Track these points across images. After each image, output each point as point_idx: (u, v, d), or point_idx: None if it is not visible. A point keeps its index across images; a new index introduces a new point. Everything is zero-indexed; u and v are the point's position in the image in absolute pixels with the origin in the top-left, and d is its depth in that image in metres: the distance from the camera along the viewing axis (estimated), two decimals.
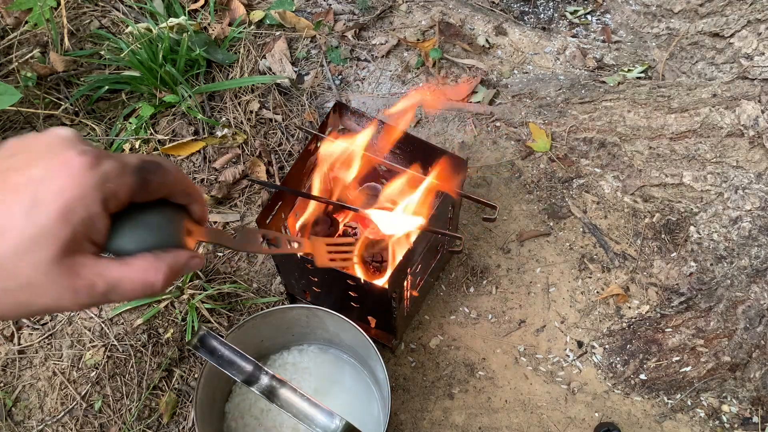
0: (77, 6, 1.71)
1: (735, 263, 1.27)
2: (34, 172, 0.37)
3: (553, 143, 1.49)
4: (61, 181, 0.37)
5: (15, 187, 0.36)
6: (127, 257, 0.41)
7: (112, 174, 0.39)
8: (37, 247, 0.36)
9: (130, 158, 0.41)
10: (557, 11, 1.84)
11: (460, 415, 1.23)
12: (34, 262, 0.36)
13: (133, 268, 0.41)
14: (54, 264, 0.37)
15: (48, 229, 0.36)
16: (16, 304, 0.38)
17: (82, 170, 0.37)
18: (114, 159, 0.40)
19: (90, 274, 0.39)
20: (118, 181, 0.39)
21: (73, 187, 0.37)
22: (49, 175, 0.37)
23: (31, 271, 0.36)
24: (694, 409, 1.23)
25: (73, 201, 0.37)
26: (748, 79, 1.37)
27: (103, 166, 0.38)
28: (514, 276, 1.37)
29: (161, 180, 0.42)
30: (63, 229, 0.37)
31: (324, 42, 1.70)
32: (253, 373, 0.69)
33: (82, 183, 0.37)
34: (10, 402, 1.25)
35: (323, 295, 1.17)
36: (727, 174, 1.33)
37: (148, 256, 0.42)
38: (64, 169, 0.37)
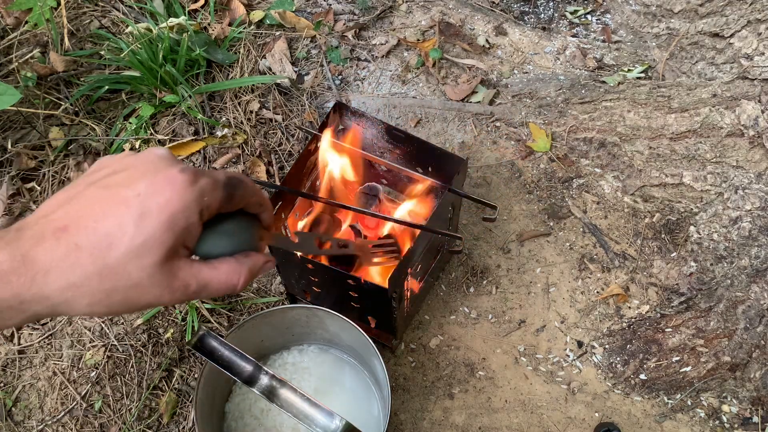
0: (77, 6, 1.71)
1: (735, 263, 1.27)
2: (141, 187, 0.42)
3: (553, 143, 1.49)
4: (166, 195, 0.42)
5: (125, 201, 0.42)
6: (213, 261, 0.47)
7: (207, 189, 0.44)
8: (145, 252, 0.42)
9: (219, 175, 0.47)
10: (557, 11, 1.84)
11: (460, 415, 1.23)
12: (142, 266, 0.42)
13: (220, 271, 0.47)
14: (158, 267, 0.42)
15: (155, 237, 0.42)
16: (124, 301, 0.43)
17: (184, 186, 0.43)
18: (207, 176, 0.45)
19: (185, 276, 0.45)
20: (212, 195, 0.45)
21: (177, 200, 0.42)
22: (156, 190, 0.42)
23: (138, 273, 0.42)
24: (694, 409, 1.23)
25: (176, 213, 0.42)
26: (748, 79, 1.37)
27: (200, 182, 0.44)
28: (514, 276, 1.37)
29: (243, 193, 0.49)
30: (167, 237, 0.42)
31: (324, 42, 1.70)
32: (253, 373, 0.69)
33: (184, 197, 0.43)
34: (10, 402, 1.25)
35: (323, 295, 1.17)
36: (727, 174, 1.33)
37: (232, 260, 0.48)
38: (168, 185, 0.43)
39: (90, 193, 0.43)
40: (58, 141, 1.51)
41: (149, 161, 0.45)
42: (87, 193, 0.43)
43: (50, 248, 0.41)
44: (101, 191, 0.43)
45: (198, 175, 0.44)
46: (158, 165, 0.44)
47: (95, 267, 0.41)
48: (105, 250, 0.41)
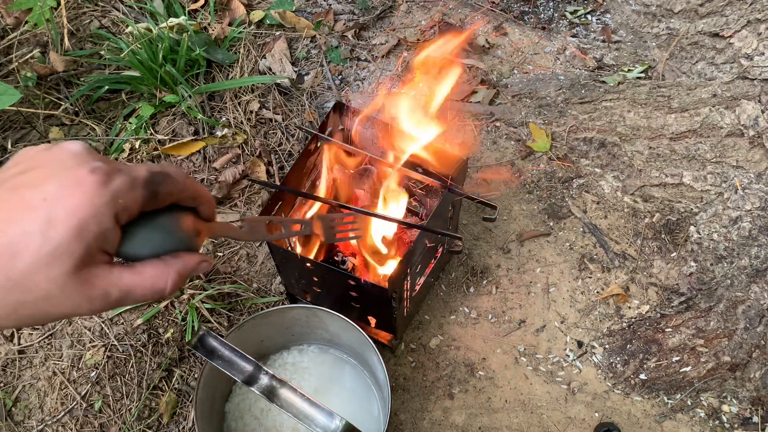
0: (77, 6, 1.71)
1: (735, 263, 1.27)
2: (48, 190, 0.38)
3: (553, 143, 1.49)
4: (74, 199, 0.38)
5: (30, 205, 0.38)
6: (137, 264, 0.43)
7: (122, 190, 0.40)
8: (53, 263, 0.38)
9: (139, 171, 0.42)
10: (557, 11, 1.84)
11: (460, 415, 1.23)
12: (51, 277, 0.38)
13: (144, 276, 0.43)
14: (69, 277, 0.39)
15: (63, 246, 0.38)
16: (33, 314, 0.40)
17: (93, 188, 0.39)
18: (124, 174, 0.41)
19: (104, 284, 0.41)
20: (129, 196, 0.41)
21: (86, 205, 0.38)
22: (63, 194, 0.38)
23: (47, 285, 0.38)
24: (694, 409, 1.23)
25: (86, 219, 0.38)
26: (748, 79, 1.37)
27: (114, 182, 0.40)
28: (514, 276, 1.37)
29: (169, 190, 0.44)
30: (77, 245, 0.38)
31: (324, 42, 1.70)
32: (253, 373, 0.69)
33: (95, 201, 0.39)
34: (10, 402, 1.25)
35: (323, 295, 1.17)
36: (727, 174, 1.33)
37: (158, 263, 0.44)
38: (76, 188, 0.39)
39: (2, 194, 0.39)
40: (58, 141, 1.51)
41: (59, 159, 0.41)
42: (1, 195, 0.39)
43: None
44: (8, 194, 0.39)
45: (111, 174, 0.40)
46: (68, 163, 0.40)
47: (1, 278, 0.37)
48: (8, 261, 0.37)
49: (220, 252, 1.39)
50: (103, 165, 0.40)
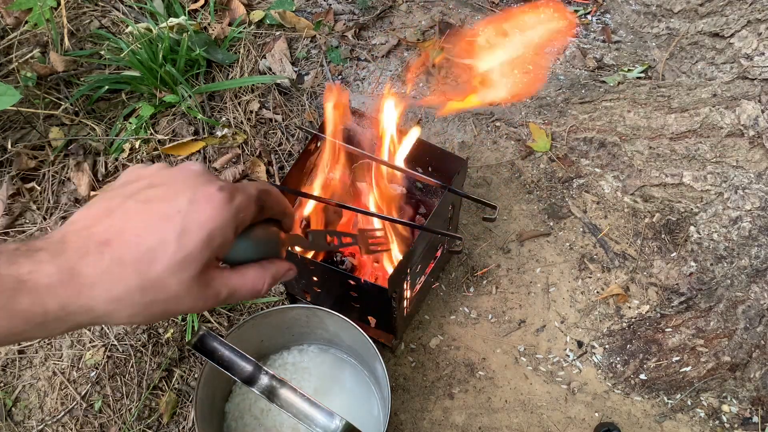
0: (77, 6, 1.71)
1: (735, 263, 1.27)
2: (181, 204, 0.44)
3: (553, 143, 1.49)
4: (206, 213, 0.44)
5: (166, 216, 0.44)
6: (241, 268, 0.50)
7: (243, 206, 0.47)
8: (184, 268, 0.44)
9: (252, 189, 0.49)
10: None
11: (460, 415, 1.23)
12: (181, 279, 0.44)
13: (247, 278, 0.50)
14: (194, 280, 0.45)
15: (194, 254, 0.44)
16: (162, 312, 0.45)
17: (222, 204, 0.45)
18: (242, 192, 0.48)
19: (217, 285, 0.47)
20: (247, 211, 0.48)
21: (216, 218, 0.45)
22: (195, 208, 0.44)
23: (177, 286, 0.44)
24: (694, 409, 1.23)
25: (215, 230, 0.45)
26: (748, 79, 1.37)
27: (236, 200, 0.46)
28: (514, 276, 1.37)
29: (270, 205, 0.52)
30: (205, 252, 0.44)
31: (324, 42, 1.70)
32: (253, 373, 0.69)
33: (223, 215, 0.45)
34: (10, 402, 1.25)
35: (323, 295, 1.17)
36: (727, 174, 1.33)
37: (257, 267, 0.51)
38: (208, 203, 0.45)
39: (130, 207, 0.45)
40: (58, 141, 1.51)
41: (187, 177, 0.47)
42: (127, 207, 0.45)
43: (95, 262, 0.42)
44: (141, 206, 0.45)
45: (234, 192, 0.46)
46: (196, 181, 0.46)
47: (138, 281, 0.43)
48: (147, 265, 0.43)
49: None
50: (227, 184, 0.47)
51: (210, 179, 0.47)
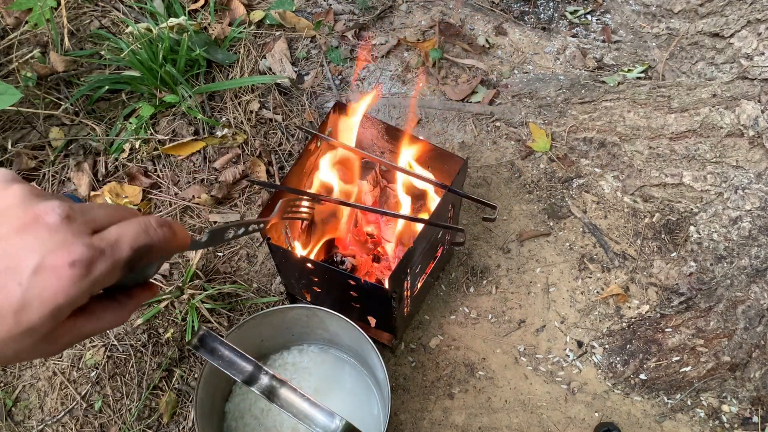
0: (77, 6, 1.71)
1: (735, 263, 1.27)
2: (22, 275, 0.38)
3: (553, 143, 1.49)
4: (52, 289, 0.38)
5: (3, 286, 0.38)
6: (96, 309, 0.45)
7: (102, 277, 0.40)
8: (24, 339, 0.39)
9: (122, 251, 0.42)
10: (557, 11, 1.84)
11: (460, 415, 1.23)
12: (22, 347, 0.40)
13: (103, 321, 0.45)
14: (39, 344, 0.40)
15: (35, 328, 0.39)
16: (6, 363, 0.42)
17: (73, 281, 0.39)
18: (105, 260, 0.40)
19: (68, 338, 0.43)
20: (107, 279, 0.41)
21: (63, 296, 0.39)
22: (39, 282, 0.38)
23: (18, 351, 0.40)
24: (694, 409, 1.23)
25: (61, 306, 0.39)
26: (748, 79, 1.37)
27: (94, 272, 0.40)
28: (514, 276, 1.37)
29: (146, 260, 0.45)
30: (49, 325, 0.39)
31: (324, 42, 1.70)
32: (253, 373, 0.69)
33: (72, 292, 0.39)
34: (10, 402, 1.25)
35: (323, 295, 1.17)
36: (727, 174, 1.33)
37: (115, 307, 0.46)
38: (55, 278, 0.38)
39: None
40: (58, 141, 1.51)
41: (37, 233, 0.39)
42: None
43: None
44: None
45: (93, 263, 0.40)
46: (47, 243, 0.39)
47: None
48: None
49: (220, 252, 1.40)
50: (85, 253, 0.39)
51: (64, 242, 0.39)
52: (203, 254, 1.36)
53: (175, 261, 1.37)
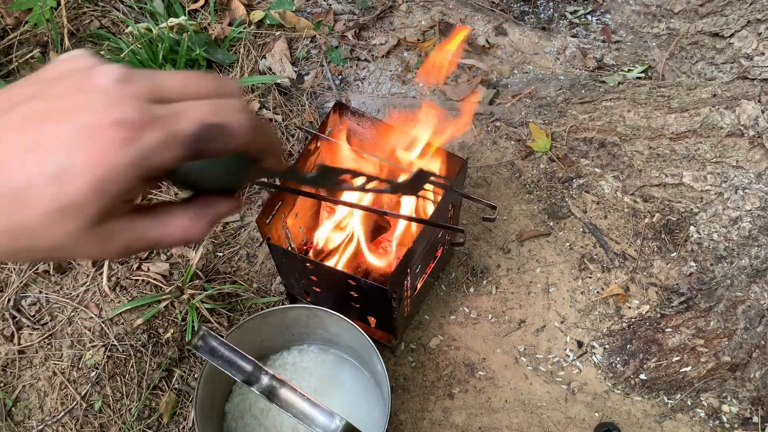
0: (77, 6, 1.71)
1: (735, 263, 1.27)
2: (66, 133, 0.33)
3: (553, 143, 1.49)
4: (91, 156, 0.32)
5: (42, 148, 0.33)
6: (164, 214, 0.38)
7: (154, 151, 0.34)
8: (69, 217, 0.33)
9: (185, 123, 0.35)
10: (557, 11, 1.84)
11: (460, 415, 1.23)
12: (66, 231, 0.34)
13: (172, 227, 0.38)
14: (86, 231, 0.34)
15: (79, 203, 0.33)
16: (47, 258, 0.36)
17: (114, 147, 0.33)
18: (159, 128, 0.34)
19: (125, 238, 0.36)
20: (162, 157, 0.34)
21: (105, 165, 0.33)
22: (80, 145, 0.33)
23: (62, 236, 0.34)
24: (694, 409, 1.23)
25: (105, 178, 0.33)
26: (748, 79, 1.37)
27: (142, 141, 0.33)
28: (514, 276, 1.37)
29: (223, 147, 0.37)
30: (95, 203, 0.33)
31: (324, 42, 1.70)
32: (253, 373, 0.69)
33: (115, 161, 0.33)
34: (10, 402, 1.25)
35: (323, 295, 1.17)
36: (727, 174, 1.33)
37: (189, 213, 0.39)
38: (93, 142, 0.33)
39: (10, 125, 0.34)
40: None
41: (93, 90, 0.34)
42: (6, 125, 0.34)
43: None
44: (22, 125, 0.33)
45: (142, 129, 0.33)
46: (96, 101, 0.34)
47: (7, 224, 0.33)
48: (20, 206, 0.33)
49: (220, 252, 1.39)
50: (134, 115, 0.33)
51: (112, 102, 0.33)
52: (203, 254, 1.36)
53: (175, 261, 1.37)
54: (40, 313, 1.33)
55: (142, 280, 1.34)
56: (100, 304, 1.32)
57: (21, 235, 0.34)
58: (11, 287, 1.34)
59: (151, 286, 1.33)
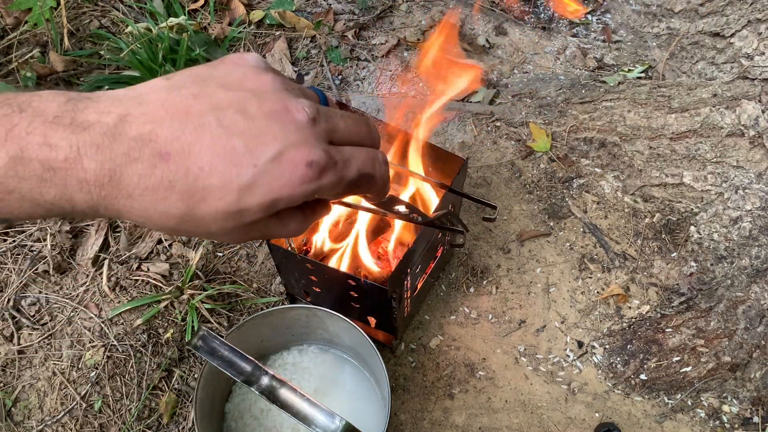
0: (77, 6, 1.71)
1: (735, 263, 1.27)
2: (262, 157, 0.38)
3: (553, 143, 1.49)
4: (282, 181, 0.38)
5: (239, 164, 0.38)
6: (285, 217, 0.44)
7: (326, 189, 0.41)
8: (233, 219, 0.39)
9: (351, 170, 0.42)
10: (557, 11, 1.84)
11: (460, 416, 1.23)
12: (225, 228, 0.40)
13: (289, 228, 0.44)
14: (238, 229, 0.40)
15: (248, 213, 0.39)
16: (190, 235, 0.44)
17: (304, 180, 0.39)
18: (335, 172, 0.40)
19: (256, 233, 0.42)
20: (328, 194, 0.42)
21: (288, 191, 0.39)
22: (274, 171, 0.38)
23: (218, 230, 0.40)
24: (694, 410, 1.23)
25: (281, 200, 0.39)
26: (749, 79, 1.37)
27: (322, 180, 0.40)
28: (515, 276, 1.37)
29: (365, 192, 0.45)
30: (260, 215, 0.39)
31: (324, 42, 1.70)
32: (253, 373, 0.69)
33: (296, 191, 0.39)
34: (10, 402, 1.25)
35: (323, 295, 1.17)
36: (728, 174, 1.33)
37: (300, 217, 0.45)
38: (290, 171, 0.38)
39: (208, 124, 0.38)
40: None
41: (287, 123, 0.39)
42: (205, 123, 0.38)
43: (142, 173, 0.37)
44: (220, 132, 0.38)
45: (325, 171, 0.40)
46: (294, 135, 0.39)
47: (179, 212, 0.38)
48: (197, 202, 0.38)
49: (219, 252, 1.39)
50: (322, 159, 0.39)
51: (309, 141, 0.39)
52: (203, 254, 1.36)
53: (175, 261, 1.37)
54: (39, 313, 1.33)
55: (141, 280, 1.34)
56: (99, 304, 1.32)
57: (188, 222, 0.39)
58: (11, 287, 1.34)
59: (151, 286, 1.33)
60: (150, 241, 1.39)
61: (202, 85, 0.40)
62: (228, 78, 0.41)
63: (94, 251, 1.37)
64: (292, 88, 0.42)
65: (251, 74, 0.42)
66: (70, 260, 1.37)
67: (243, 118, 0.39)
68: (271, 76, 0.42)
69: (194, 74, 0.41)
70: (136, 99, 0.39)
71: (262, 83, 0.41)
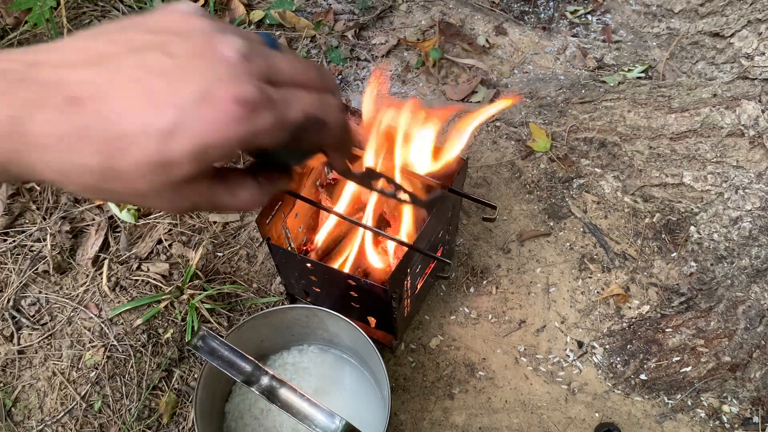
0: (77, 6, 1.71)
1: (735, 263, 1.27)
2: (183, 97, 0.33)
3: (553, 143, 1.49)
4: (208, 124, 0.34)
5: (158, 105, 0.33)
6: (233, 185, 0.41)
7: (263, 132, 0.35)
8: (161, 172, 0.34)
9: (294, 111, 0.37)
10: (557, 11, 1.84)
11: (460, 416, 1.23)
12: (153, 183, 0.35)
13: (238, 199, 0.41)
14: (169, 188, 0.36)
15: (175, 164, 0.34)
16: (121, 200, 0.37)
17: (232, 121, 0.34)
18: (272, 111, 0.36)
19: (197, 199, 0.38)
20: (268, 137, 0.36)
21: (215, 135, 0.34)
22: (198, 112, 0.34)
23: (147, 187, 0.35)
24: (694, 410, 1.23)
25: (210, 146, 0.34)
26: (749, 79, 1.37)
27: (257, 121, 0.35)
28: (514, 276, 1.37)
29: (315, 140, 0.40)
30: (190, 167, 0.35)
31: (324, 42, 1.70)
32: (253, 373, 0.69)
33: (228, 134, 0.34)
34: (10, 402, 1.25)
35: (323, 295, 1.17)
36: (728, 174, 1.33)
37: (254, 188, 0.41)
38: (215, 111, 0.34)
39: (124, 66, 0.34)
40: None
41: (211, 58, 0.35)
42: (121, 65, 0.34)
43: (51, 121, 0.33)
44: (138, 73, 0.34)
45: (259, 109, 0.35)
46: (219, 70, 0.35)
47: (98, 166, 0.34)
48: (115, 152, 0.33)
49: (219, 252, 1.39)
50: (254, 96, 0.35)
51: (238, 76, 0.35)
52: (203, 254, 1.36)
53: (175, 261, 1.37)
54: (39, 314, 1.33)
55: (141, 280, 1.34)
56: (99, 304, 1.32)
57: (111, 178, 0.34)
58: (11, 287, 1.34)
59: (151, 286, 1.33)
60: (150, 241, 1.39)
61: (124, 31, 0.36)
62: (155, 24, 0.37)
63: (94, 251, 1.37)
64: (227, 28, 0.38)
65: (180, 18, 0.38)
66: (70, 260, 1.37)
67: (165, 57, 0.34)
68: (201, 19, 0.38)
69: (120, 23, 0.37)
70: (51, 47, 0.35)
71: (191, 24, 0.37)
